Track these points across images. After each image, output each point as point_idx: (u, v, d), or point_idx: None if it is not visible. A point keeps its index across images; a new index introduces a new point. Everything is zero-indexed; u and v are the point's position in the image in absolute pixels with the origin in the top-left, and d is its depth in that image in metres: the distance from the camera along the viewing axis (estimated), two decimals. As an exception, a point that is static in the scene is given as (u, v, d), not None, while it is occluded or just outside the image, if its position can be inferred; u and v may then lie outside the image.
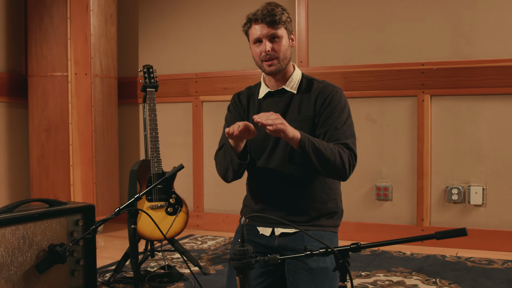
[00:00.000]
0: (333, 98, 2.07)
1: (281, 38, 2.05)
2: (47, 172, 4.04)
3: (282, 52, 2.06)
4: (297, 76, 2.15)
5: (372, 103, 3.80)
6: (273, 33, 2.03)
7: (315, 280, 1.95)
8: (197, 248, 3.64)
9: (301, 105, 2.09)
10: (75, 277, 2.51)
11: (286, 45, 2.07)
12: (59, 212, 2.43)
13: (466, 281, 2.76)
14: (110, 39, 4.25)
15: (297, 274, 1.99)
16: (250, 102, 2.21)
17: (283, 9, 2.07)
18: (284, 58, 2.07)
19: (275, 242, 2.08)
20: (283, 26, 2.05)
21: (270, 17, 2.01)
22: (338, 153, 1.94)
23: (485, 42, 3.50)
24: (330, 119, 2.04)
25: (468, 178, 3.58)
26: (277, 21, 2.02)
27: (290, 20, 2.09)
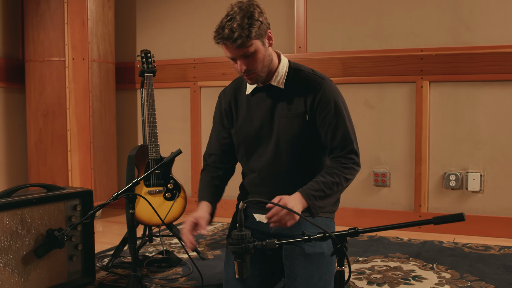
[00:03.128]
0: (325, 94, 1.98)
1: (255, 52, 1.88)
2: (45, 158, 4.04)
3: (259, 64, 1.91)
4: (283, 69, 2.03)
5: (371, 89, 3.79)
6: (244, 53, 1.87)
7: (311, 265, 1.96)
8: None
9: (291, 100, 2.01)
10: (74, 262, 2.51)
11: (262, 55, 1.90)
12: (57, 197, 2.43)
13: (463, 267, 2.78)
14: (108, 24, 4.22)
15: (294, 259, 1.99)
16: (238, 99, 2.12)
17: (248, 17, 1.83)
18: (263, 67, 1.94)
19: (272, 229, 2.08)
20: (253, 40, 1.85)
21: (236, 40, 1.82)
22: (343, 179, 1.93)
23: (485, 28, 3.49)
24: (327, 118, 1.98)
25: (466, 165, 3.58)
26: (245, 42, 1.83)
27: (260, 23, 1.86)
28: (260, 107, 2.05)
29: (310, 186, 1.90)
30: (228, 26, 1.83)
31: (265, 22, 1.90)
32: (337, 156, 1.99)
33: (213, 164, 2.20)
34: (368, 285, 2.51)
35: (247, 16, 1.83)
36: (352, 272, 2.70)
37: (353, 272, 2.71)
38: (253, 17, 1.84)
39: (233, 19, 1.84)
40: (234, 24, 1.82)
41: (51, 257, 2.40)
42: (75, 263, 2.52)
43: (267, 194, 2.05)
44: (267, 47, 1.93)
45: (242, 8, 1.85)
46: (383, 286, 2.50)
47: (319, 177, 1.93)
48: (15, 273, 2.26)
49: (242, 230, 1.54)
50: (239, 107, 2.12)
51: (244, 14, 1.83)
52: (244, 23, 1.82)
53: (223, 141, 2.18)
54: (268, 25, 1.92)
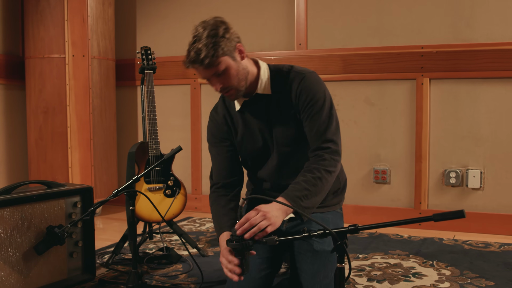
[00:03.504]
0: (303, 87, 1.95)
1: (226, 69, 1.85)
2: (45, 155, 4.04)
3: (233, 79, 1.88)
4: (265, 75, 2.00)
5: (371, 86, 3.79)
6: (215, 72, 1.85)
7: (318, 262, 1.96)
8: (195, 230, 3.65)
9: (280, 104, 1.99)
10: (74, 259, 2.52)
11: (234, 70, 1.87)
12: (57, 193, 2.43)
13: (463, 264, 2.78)
14: (108, 21, 4.22)
15: (301, 255, 2.00)
16: (231, 115, 2.08)
17: (213, 35, 1.81)
18: (239, 81, 1.91)
19: (283, 226, 2.08)
20: (220, 57, 1.82)
21: (203, 61, 1.80)
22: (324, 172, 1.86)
23: (485, 25, 3.48)
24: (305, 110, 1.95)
25: (466, 162, 3.58)
26: (213, 61, 1.81)
27: (226, 40, 1.83)
28: (255, 120, 2.03)
29: (292, 188, 1.84)
30: (194, 48, 1.81)
31: (233, 37, 1.87)
32: (314, 149, 1.94)
33: (223, 182, 2.13)
34: (368, 282, 2.52)
35: (211, 35, 1.81)
36: (352, 269, 2.70)
37: (353, 269, 2.71)
38: (218, 35, 1.82)
39: (197, 40, 1.82)
40: (199, 45, 1.80)
41: (51, 254, 2.40)
42: (76, 259, 2.53)
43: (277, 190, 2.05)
44: (239, 61, 1.90)
45: (206, 28, 1.84)
46: (383, 283, 2.50)
47: (299, 177, 1.88)
48: (15, 269, 2.26)
49: (242, 227, 1.54)
50: (236, 124, 2.09)
51: (208, 34, 1.82)
52: (209, 42, 1.80)
53: (225, 160, 2.13)
54: (237, 39, 1.90)
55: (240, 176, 2.17)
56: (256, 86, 1.99)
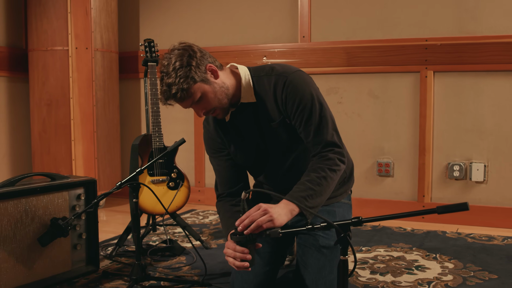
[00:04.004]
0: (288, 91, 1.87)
1: (202, 95, 1.83)
2: (49, 147, 4.04)
3: (213, 102, 1.86)
4: (246, 80, 1.94)
5: (375, 79, 3.78)
6: (192, 101, 1.84)
7: (323, 257, 1.97)
8: (198, 223, 3.65)
9: (267, 111, 1.94)
10: (78, 251, 2.53)
11: (212, 93, 1.84)
12: (61, 186, 2.44)
13: (466, 257, 2.78)
14: (111, 13, 4.21)
15: (307, 249, 2.00)
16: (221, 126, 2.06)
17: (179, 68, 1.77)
18: (220, 100, 1.87)
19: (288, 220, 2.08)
20: (194, 86, 1.80)
21: (176, 95, 1.79)
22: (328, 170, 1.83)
23: (490, 18, 3.46)
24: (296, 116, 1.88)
25: (470, 155, 3.58)
26: (186, 93, 1.79)
27: (193, 67, 1.78)
28: (246, 129, 2.00)
29: (296, 189, 1.82)
30: (164, 84, 1.80)
31: (201, 61, 1.82)
32: (316, 154, 1.90)
33: (227, 192, 2.13)
34: (371, 275, 2.52)
35: (177, 68, 1.77)
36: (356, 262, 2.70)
37: (357, 261, 2.71)
38: (183, 65, 1.78)
39: (165, 76, 1.80)
40: (168, 81, 1.78)
41: (55, 245, 2.41)
42: (79, 251, 2.54)
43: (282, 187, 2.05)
44: (213, 82, 1.85)
45: (170, 61, 1.80)
46: (386, 275, 2.51)
47: (304, 176, 1.86)
48: (19, 261, 2.27)
49: (245, 219, 1.54)
50: (227, 134, 2.06)
51: (173, 67, 1.78)
52: (177, 76, 1.77)
53: (227, 165, 2.11)
54: (207, 60, 1.85)
55: (245, 181, 2.15)
56: (239, 95, 1.94)
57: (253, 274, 2.03)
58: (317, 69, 3.84)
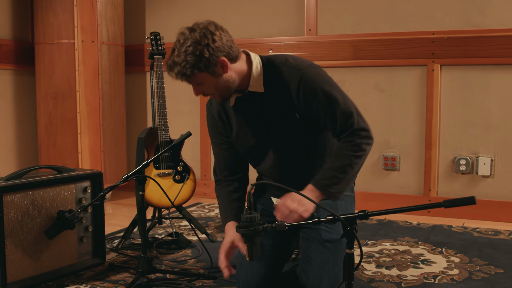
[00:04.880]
0: (307, 85, 1.84)
1: (203, 82, 1.80)
2: (55, 140, 4.06)
3: (212, 90, 1.83)
4: (257, 70, 1.89)
5: (381, 72, 3.76)
6: (191, 83, 1.81)
7: (326, 250, 1.96)
8: (204, 216, 3.66)
9: (275, 102, 1.90)
10: (84, 243, 2.54)
11: (213, 84, 1.81)
12: (67, 178, 2.45)
13: (472, 251, 2.77)
14: (117, 6, 4.21)
15: (310, 243, 2.00)
16: (226, 110, 2.04)
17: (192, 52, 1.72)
18: (222, 91, 1.85)
19: None
20: (196, 74, 1.76)
21: (177, 75, 1.77)
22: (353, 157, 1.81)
23: (497, 11, 3.44)
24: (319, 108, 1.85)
25: (476, 149, 3.56)
26: (186, 76, 1.77)
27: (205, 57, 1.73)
28: (249, 118, 1.98)
29: (321, 176, 1.83)
30: (171, 59, 1.77)
31: (214, 54, 1.75)
32: (344, 138, 1.87)
33: (225, 178, 2.13)
34: (377, 269, 2.52)
35: (189, 52, 1.73)
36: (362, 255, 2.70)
37: (363, 255, 2.71)
38: (195, 52, 1.73)
39: (176, 50, 1.77)
40: (175, 59, 1.75)
41: (61, 238, 2.43)
42: (86, 244, 2.55)
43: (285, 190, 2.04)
44: (219, 75, 1.80)
45: (186, 41, 1.75)
46: (391, 269, 2.51)
47: (328, 163, 1.85)
48: (26, 253, 2.29)
49: (251, 212, 1.54)
50: (231, 119, 2.03)
51: (185, 49, 1.74)
52: (186, 58, 1.73)
53: (226, 153, 2.11)
54: (223, 52, 1.78)
55: (244, 171, 2.15)
56: (248, 83, 1.90)
57: (257, 266, 2.03)
58: (323, 62, 3.83)
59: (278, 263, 2.10)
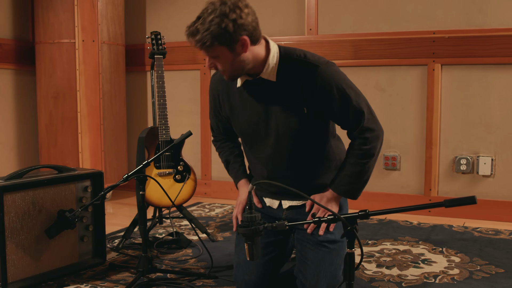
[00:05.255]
0: (323, 82, 1.85)
1: (219, 56, 1.79)
2: (56, 140, 4.06)
3: (225, 67, 1.82)
4: (273, 59, 1.88)
5: (382, 72, 3.76)
6: (206, 53, 1.81)
7: (322, 249, 1.96)
8: (205, 216, 3.66)
9: (285, 93, 1.90)
10: (85, 243, 2.54)
11: (228, 61, 1.80)
12: (68, 178, 2.45)
13: (473, 251, 2.77)
14: (117, 6, 4.21)
15: (305, 243, 2.00)
16: (229, 90, 2.04)
17: (218, 23, 1.71)
18: (234, 70, 1.84)
19: (282, 214, 2.08)
20: (215, 46, 1.75)
21: (197, 43, 1.76)
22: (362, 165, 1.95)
23: (498, 10, 3.44)
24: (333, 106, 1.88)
25: (477, 149, 3.56)
26: (205, 46, 1.76)
27: (229, 31, 1.72)
28: (253, 101, 1.96)
29: (338, 182, 1.98)
30: (194, 25, 1.76)
31: (238, 29, 1.74)
32: (353, 138, 1.97)
33: (222, 137, 2.29)
34: (377, 268, 2.52)
35: (214, 23, 1.72)
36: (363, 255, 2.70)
37: (363, 254, 2.71)
38: (221, 24, 1.72)
39: (201, 18, 1.75)
40: (199, 26, 1.74)
41: (62, 237, 2.43)
42: (86, 244, 2.55)
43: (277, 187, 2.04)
44: (237, 53, 1.79)
45: (214, 11, 1.73)
46: (392, 269, 2.51)
47: (343, 170, 1.98)
48: (27, 253, 2.29)
49: (252, 212, 1.54)
50: (232, 99, 2.03)
51: (211, 19, 1.72)
52: (210, 28, 1.72)
53: (222, 122, 2.20)
54: (245, 30, 1.76)
55: (236, 139, 2.29)
56: (262, 69, 1.88)
57: (253, 264, 2.04)
58: (323, 62, 3.82)
59: (275, 260, 2.10)
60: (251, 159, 2.14)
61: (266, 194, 2.13)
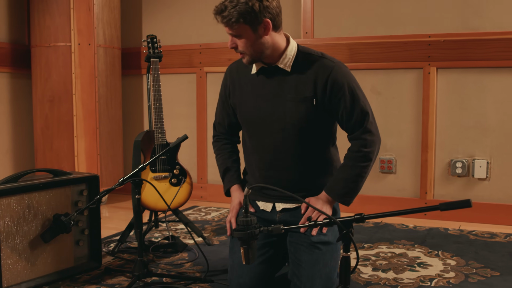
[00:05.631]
0: (337, 78, 1.94)
1: (242, 36, 1.90)
2: (51, 143, 4.05)
3: (247, 48, 1.93)
4: (291, 52, 1.99)
5: (378, 75, 3.77)
6: (231, 32, 1.92)
7: (316, 251, 1.96)
8: (200, 219, 3.66)
9: (298, 84, 1.98)
10: (80, 247, 2.53)
11: (250, 41, 1.91)
12: (63, 182, 2.44)
13: (468, 254, 2.78)
14: (114, 9, 4.21)
15: (299, 246, 2.00)
16: (241, 78, 2.12)
17: (244, 1, 1.84)
18: (254, 52, 1.94)
19: (276, 216, 2.08)
20: (241, 24, 1.87)
21: (223, 18, 1.87)
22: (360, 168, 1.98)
23: (494, 14, 3.45)
24: (341, 102, 1.96)
25: (472, 152, 3.57)
26: (230, 22, 1.87)
27: (255, 11, 1.85)
28: (265, 88, 2.03)
29: (334, 185, 2.00)
30: (224, 2, 1.88)
31: (264, 11, 1.87)
32: (353, 138, 2.01)
33: (224, 136, 2.29)
34: (373, 272, 2.52)
35: (243, 1, 1.84)
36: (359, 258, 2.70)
37: (359, 258, 2.71)
38: (248, 3, 1.84)
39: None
40: (227, 3, 1.86)
41: (57, 241, 2.42)
42: (82, 248, 2.54)
43: (273, 178, 2.05)
44: (259, 35, 1.90)
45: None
46: (388, 272, 2.51)
47: (339, 173, 2.01)
48: (22, 257, 2.28)
49: (247, 216, 1.54)
50: (244, 86, 2.11)
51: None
52: (235, 6, 1.84)
53: (229, 115, 2.22)
54: (269, 13, 1.89)
55: (237, 137, 2.30)
56: (279, 59, 1.99)
57: (247, 267, 2.03)
58: (319, 66, 3.83)
59: (270, 262, 2.09)
60: (249, 150, 2.15)
61: (260, 198, 2.13)
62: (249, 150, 2.16)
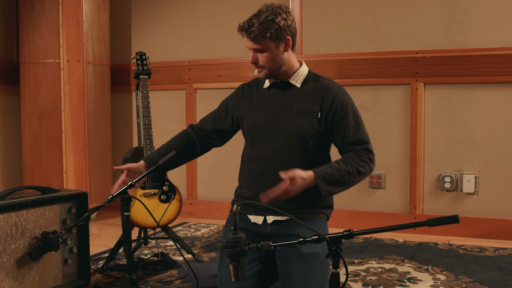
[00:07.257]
0: (343, 99, 2.08)
1: (266, 50, 2.05)
2: (40, 160, 4.03)
3: (268, 63, 2.06)
4: (303, 72, 2.15)
5: (366, 91, 3.80)
6: (256, 47, 2.05)
7: (306, 265, 1.97)
8: (190, 236, 3.64)
9: (305, 98, 2.10)
10: (68, 265, 2.51)
11: (272, 56, 2.05)
12: (52, 199, 2.43)
13: (458, 268, 2.79)
14: (103, 26, 4.22)
15: (289, 260, 2.00)
16: (253, 91, 2.23)
17: (271, 19, 2.01)
18: (273, 67, 2.08)
19: (267, 229, 2.09)
20: (266, 40, 2.02)
21: (250, 33, 2.02)
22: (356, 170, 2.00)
23: (479, 30, 3.50)
24: (345, 120, 2.07)
25: (460, 166, 3.59)
26: (258, 37, 2.01)
27: (279, 27, 2.02)
28: (274, 99, 2.14)
29: (323, 169, 1.97)
30: (250, 20, 2.02)
31: (286, 29, 2.04)
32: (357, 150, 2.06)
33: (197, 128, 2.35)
34: (364, 287, 2.52)
35: (269, 19, 2.00)
36: (348, 274, 2.70)
37: (348, 274, 2.71)
38: (274, 21, 2.00)
39: (256, 16, 2.02)
40: (254, 20, 2.01)
41: (45, 260, 2.39)
42: (70, 265, 2.52)
43: (269, 185, 2.05)
44: (280, 51, 2.06)
45: (269, 10, 2.02)
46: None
47: (334, 163, 2.00)
48: (9, 276, 2.25)
49: (237, 233, 1.54)
50: (253, 100, 2.21)
51: (267, 16, 2.00)
52: (263, 22, 1.99)
53: (218, 120, 2.29)
54: (291, 32, 2.06)
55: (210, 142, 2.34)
56: (291, 76, 2.13)
57: (236, 282, 2.02)
58: (308, 82, 3.85)
59: (260, 276, 2.08)
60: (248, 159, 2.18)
61: (251, 212, 2.14)
62: (248, 160, 2.19)
